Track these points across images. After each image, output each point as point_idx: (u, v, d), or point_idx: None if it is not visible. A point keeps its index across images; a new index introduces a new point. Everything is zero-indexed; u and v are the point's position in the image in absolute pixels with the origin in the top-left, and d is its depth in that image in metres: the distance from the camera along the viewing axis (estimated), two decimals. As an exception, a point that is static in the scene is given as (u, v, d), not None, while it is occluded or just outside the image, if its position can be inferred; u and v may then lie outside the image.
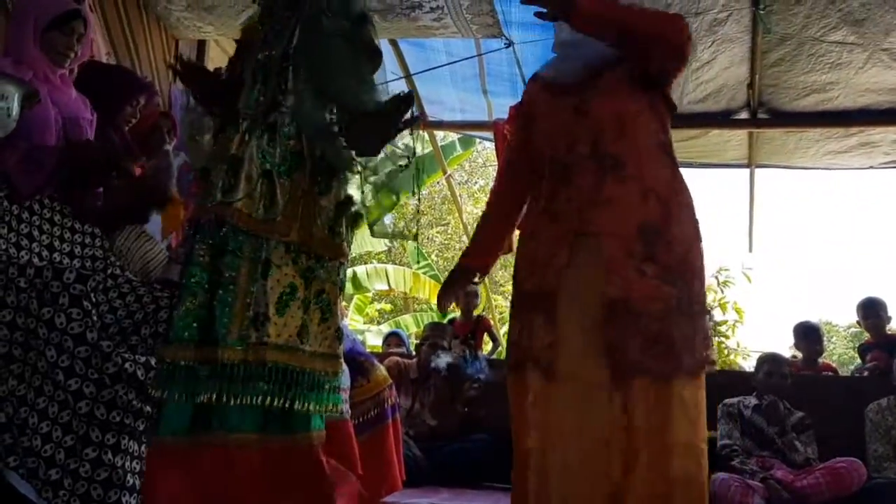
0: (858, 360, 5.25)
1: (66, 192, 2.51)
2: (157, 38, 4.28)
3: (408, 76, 4.96)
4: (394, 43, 4.80)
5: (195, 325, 1.88)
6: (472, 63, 4.99)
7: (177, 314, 1.88)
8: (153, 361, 2.14)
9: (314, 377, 1.98)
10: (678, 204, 1.99)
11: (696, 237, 2.02)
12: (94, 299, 2.12)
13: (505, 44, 4.31)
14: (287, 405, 1.91)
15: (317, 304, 2.02)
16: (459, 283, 2.34)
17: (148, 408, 2.11)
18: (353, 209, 2.13)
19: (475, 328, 5.65)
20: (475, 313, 5.93)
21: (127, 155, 2.65)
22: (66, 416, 2.03)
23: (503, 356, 5.89)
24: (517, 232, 2.27)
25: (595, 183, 1.96)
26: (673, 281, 1.91)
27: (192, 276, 1.91)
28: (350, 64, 2.06)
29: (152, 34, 4.23)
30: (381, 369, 3.33)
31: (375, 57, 2.11)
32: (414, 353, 5.00)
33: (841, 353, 23.77)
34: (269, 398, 1.88)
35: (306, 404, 1.94)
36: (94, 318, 2.09)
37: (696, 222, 2.03)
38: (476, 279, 2.41)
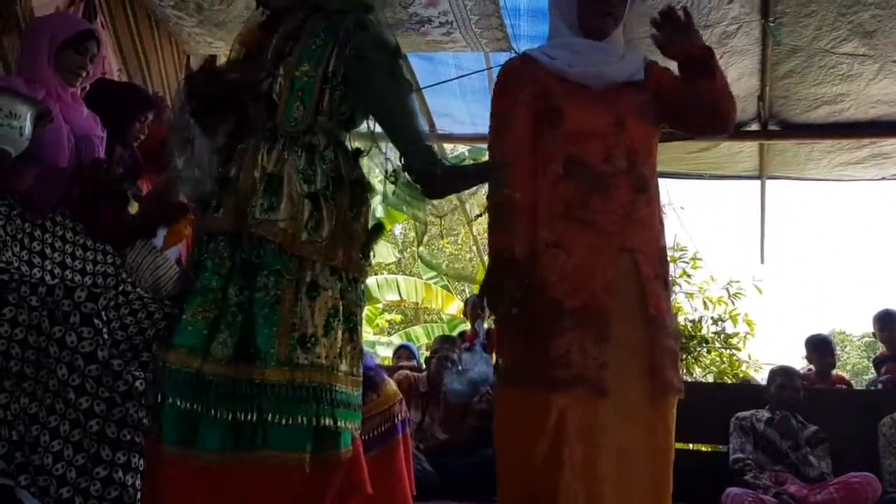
0: (873, 370, 5.22)
1: (79, 210, 2.53)
2: (168, 53, 4.31)
3: (417, 90, 4.96)
4: (403, 56, 4.81)
5: (205, 332, 1.88)
6: (481, 76, 4.99)
7: (185, 318, 1.88)
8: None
9: (348, 395, 1.99)
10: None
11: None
12: (104, 317, 2.12)
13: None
14: (331, 424, 1.91)
15: (346, 325, 2.02)
16: (513, 281, 2.02)
17: (158, 425, 2.12)
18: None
19: (485, 341, 5.64)
20: (485, 325, 5.92)
21: (135, 173, 2.67)
22: (78, 434, 2.03)
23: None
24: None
25: (631, 200, 2.01)
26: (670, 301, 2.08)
27: (207, 281, 1.91)
28: (401, 98, 2.10)
29: (164, 50, 4.26)
30: (392, 384, 3.32)
31: (411, 91, 2.13)
32: (424, 366, 5.00)
33: (855, 363, 23.60)
34: (317, 418, 1.89)
35: (346, 422, 1.95)
36: (105, 336, 2.10)
37: None
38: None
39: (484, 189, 2.12)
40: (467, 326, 8.86)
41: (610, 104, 2.06)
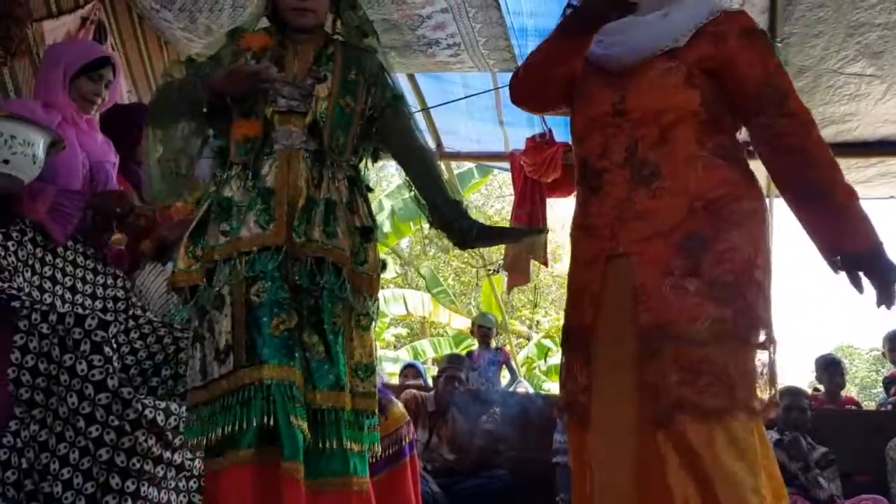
0: (881, 384, 5.18)
1: (90, 235, 2.54)
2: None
3: (425, 109, 5.00)
4: (410, 76, 4.84)
5: (291, 345, 1.85)
6: (488, 94, 5.02)
7: (269, 332, 1.83)
8: (173, 406, 2.15)
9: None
10: (737, 211, 1.72)
11: (760, 248, 1.74)
12: (114, 345, 2.13)
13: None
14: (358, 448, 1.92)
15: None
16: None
17: (168, 454, 2.13)
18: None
19: (493, 360, 5.64)
20: (493, 345, 5.92)
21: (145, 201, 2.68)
22: (87, 462, 2.04)
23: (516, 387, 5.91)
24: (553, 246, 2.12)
25: (625, 197, 1.75)
26: (723, 298, 1.65)
27: (276, 295, 1.86)
28: (430, 150, 2.17)
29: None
30: (399, 405, 3.33)
31: None
32: (431, 384, 4.99)
33: (863, 377, 23.48)
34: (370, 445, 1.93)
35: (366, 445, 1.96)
36: (115, 363, 2.11)
37: (762, 231, 1.77)
38: None
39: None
40: (474, 342, 8.89)
41: (615, 86, 1.82)
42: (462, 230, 1.94)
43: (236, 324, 1.84)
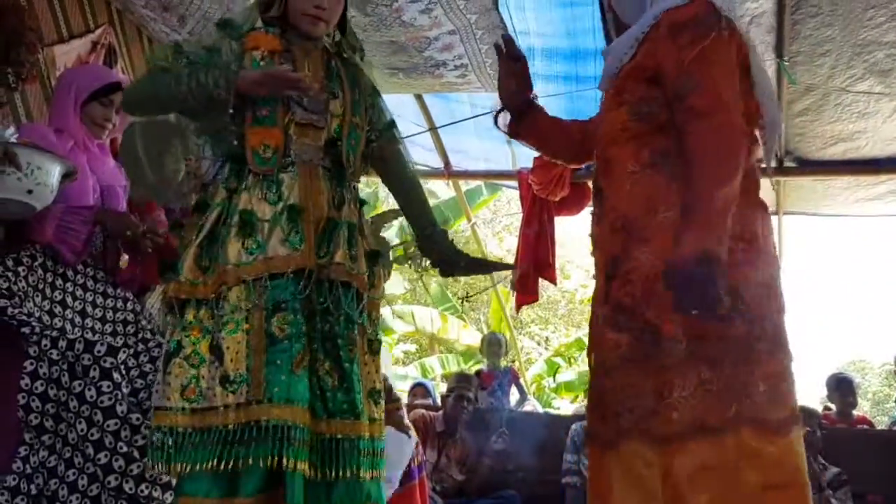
0: (894, 399, 5.14)
1: (100, 257, 2.55)
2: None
3: (433, 128, 5.01)
4: (418, 95, 4.86)
5: (307, 382, 1.81)
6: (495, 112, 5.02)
7: (289, 370, 1.78)
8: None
9: None
10: (649, 226, 1.63)
11: (671, 260, 1.54)
12: (123, 371, 2.14)
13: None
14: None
15: None
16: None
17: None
18: None
19: (502, 379, 5.62)
20: (503, 364, 5.90)
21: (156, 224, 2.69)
22: (96, 489, 2.04)
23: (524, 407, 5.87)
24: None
25: (593, 222, 1.79)
26: (620, 323, 1.62)
27: (298, 326, 1.81)
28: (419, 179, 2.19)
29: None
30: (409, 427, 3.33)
31: None
32: (440, 404, 4.98)
33: (876, 391, 23.27)
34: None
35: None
36: (124, 389, 2.11)
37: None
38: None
39: None
40: (483, 359, 8.83)
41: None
42: (448, 260, 2.02)
43: (253, 353, 1.77)
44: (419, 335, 12.56)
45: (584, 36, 3.91)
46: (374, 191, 9.95)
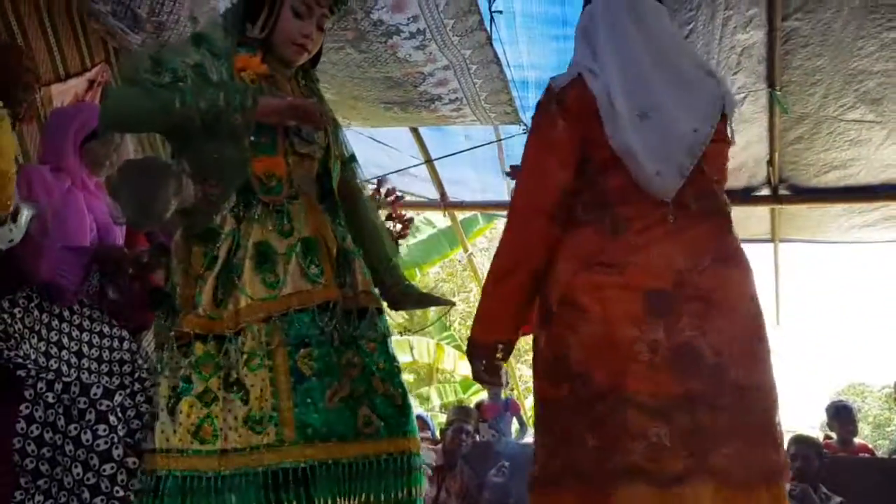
0: (895, 423, 5.12)
1: (98, 295, 2.55)
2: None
3: (428, 161, 5.04)
4: (414, 129, 4.89)
5: (348, 414, 1.79)
6: (491, 145, 5.07)
7: (322, 406, 1.75)
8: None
9: None
10: (542, 282, 1.79)
11: (540, 324, 1.79)
12: (119, 414, 2.12)
13: (523, 129, 4.38)
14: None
15: None
16: None
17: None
18: None
19: (504, 411, 5.58)
20: (503, 395, 5.86)
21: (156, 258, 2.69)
22: (92, 534, 2.01)
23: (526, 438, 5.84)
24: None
25: None
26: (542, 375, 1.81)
27: (330, 357, 1.79)
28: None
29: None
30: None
31: None
32: (439, 437, 4.95)
33: (876, 415, 23.18)
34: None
35: None
36: (120, 433, 2.09)
37: (548, 292, 1.78)
38: None
39: None
40: (482, 389, 8.75)
41: None
42: (399, 298, 2.04)
43: (279, 393, 1.74)
44: (417, 365, 12.51)
45: (576, 68, 3.94)
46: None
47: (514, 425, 5.95)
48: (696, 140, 1.77)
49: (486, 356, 1.85)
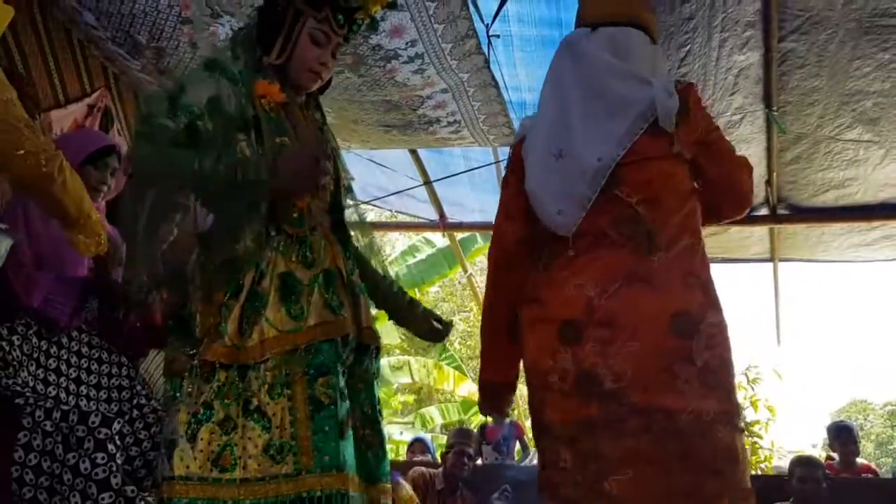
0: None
1: (96, 322, 2.54)
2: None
3: (427, 182, 5.05)
4: (413, 150, 4.91)
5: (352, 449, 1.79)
6: (489, 167, 5.08)
7: (336, 436, 1.73)
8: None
9: None
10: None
11: None
12: (118, 442, 2.11)
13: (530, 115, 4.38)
14: None
15: None
16: None
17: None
18: None
19: (507, 434, 5.53)
20: (507, 418, 5.83)
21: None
22: (90, 564, 2.00)
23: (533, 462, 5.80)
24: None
25: None
26: None
27: (342, 389, 1.79)
28: None
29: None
30: (407, 488, 3.29)
31: None
32: (440, 460, 4.92)
33: (879, 433, 23.09)
34: None
35: None
36: (119, 461, 2.08)
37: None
38: None
39: None
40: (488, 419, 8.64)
41: None
42: (399, 308, 2.11)
43: (298, 421, 1.72)
44: (417, 386, 12.47)
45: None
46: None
47: (518, 447, 5.92)
48: (599, 170, 1.81)
49: (486, 395, 2.07)
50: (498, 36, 3.35)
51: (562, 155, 1.85)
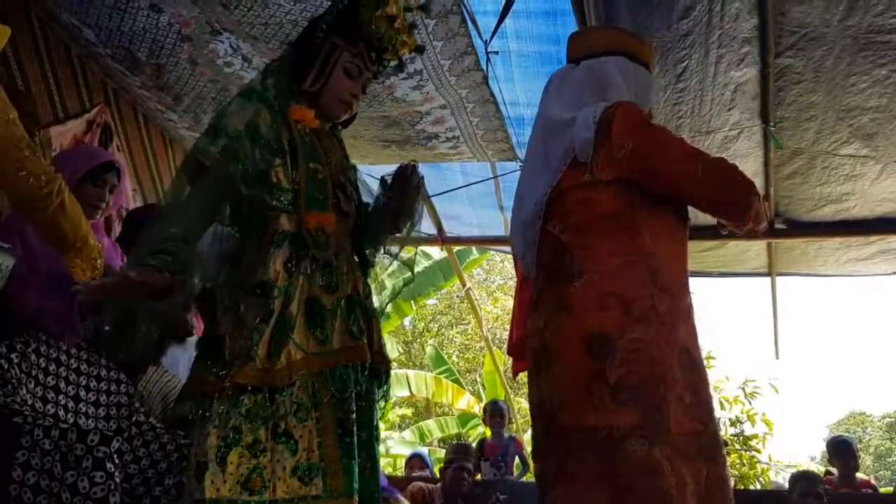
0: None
1: (95, 339, 2.54)
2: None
3: (426, 197, 5.04)
4: (411, 165, 4.91)
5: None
6: (488, 181, 5.09)
7: (352, 445, 1.78)
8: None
9: None
10: None
11: None
12: (116, 460, 2.11)
13: (520, 166, 4.40)
14: None
15: None
16: None
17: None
18: None
19: (506, 450, 5.50)
20: (506, 433, 5.79)
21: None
22: (88, 583, 1.99)
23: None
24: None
25: None
26: None
27: (353, 416, 1.83)
28: None
29: (177, 166, 4.35)
30: (404, 503, 3.27)
31: None
32: (438, 476, 4.89)
33: (877, 445, 23.05)
34: None
35: None
36: (117, 479, 2.08)
37: None
38: None
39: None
40: (478, 421, 8.66)
41: None
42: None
43: (326, 444, 1.76)
44: (415, 399, 12.44)
45: (571, 105, 3.98)
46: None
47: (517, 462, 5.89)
48: (535, 212, 1.98)
49: None
50: (497, 52, 3.36)
51: (521, 198, 2.05)
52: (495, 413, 5.60)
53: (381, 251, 2.11)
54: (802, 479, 3.89)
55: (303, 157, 1.90)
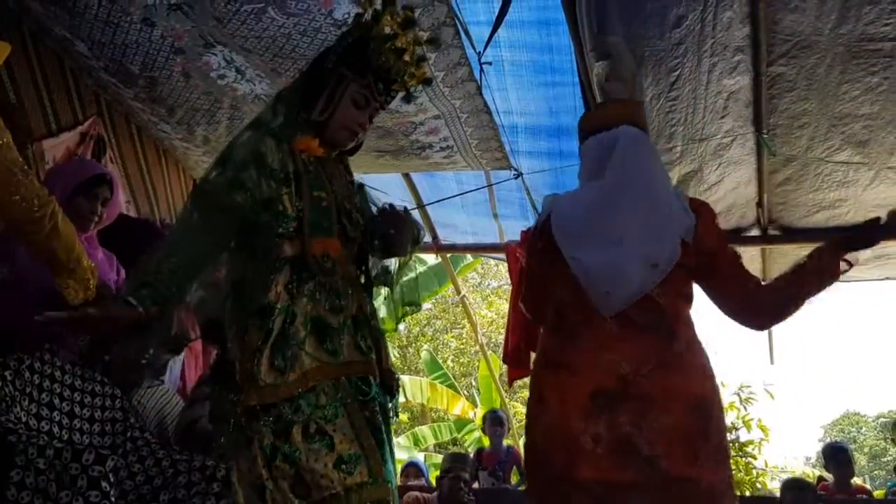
0: (891, 452, 5.10)
1: (89, 354, 2.53)
2: (175, 179, 4.40)
3: (420, 206, 5.05)
4: (405, 174, 4.91)
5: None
6: (482, 189, 5.09)
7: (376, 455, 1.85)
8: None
9: None
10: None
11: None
12: (112, 479, 2.10)
13: (514, 175, 4.41)
14: None
15: None
16: None
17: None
18: None
19: (504, 459, 5.48)
20: (505, 443, 5.77)
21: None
22: None
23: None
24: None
25: None
26: None
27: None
28: None
29: (170, 176, 4.35)
30: (402, 514, 3.26)
31: None
32: (434, 485, 4.88)
33: (872, 445, 23.10)
34: None
35: None
36: (113, 498, 2.07)
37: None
38: None
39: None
40: (474, 426, 8.64)
41: None
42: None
43: (360, 434, 1.83)
44: (410, 404, 12.42)
45: (566, 114, 3.99)
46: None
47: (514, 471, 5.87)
48: (657, 275, 2.09)
49: None
50: (490, 63, 3.36)
51: (621, 241, 2.11)
52: (495, 422, 5.60)
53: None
54: (792, 487, 3.89)
55: (307, 186, 1.96)
